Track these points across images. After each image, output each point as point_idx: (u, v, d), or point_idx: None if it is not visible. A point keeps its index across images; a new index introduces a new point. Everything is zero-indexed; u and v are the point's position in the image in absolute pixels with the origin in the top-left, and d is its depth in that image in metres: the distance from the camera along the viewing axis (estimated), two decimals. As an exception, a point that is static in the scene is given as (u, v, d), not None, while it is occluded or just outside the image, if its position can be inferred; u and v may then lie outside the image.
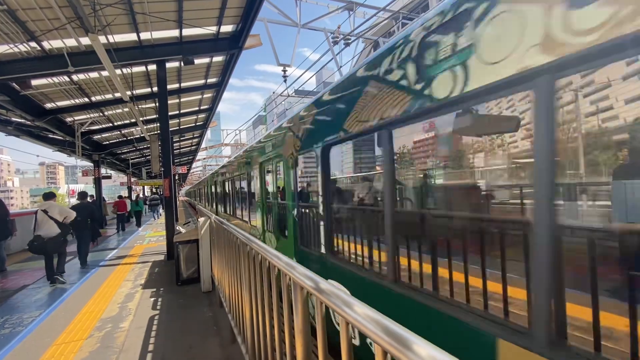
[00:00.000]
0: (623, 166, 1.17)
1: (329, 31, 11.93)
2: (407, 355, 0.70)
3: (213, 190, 13.87)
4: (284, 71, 11.46)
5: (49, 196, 6.60)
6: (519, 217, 1.54)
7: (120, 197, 15.92)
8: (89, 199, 8.41)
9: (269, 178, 5.21)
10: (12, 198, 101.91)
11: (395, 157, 2.29)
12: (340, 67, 12.06)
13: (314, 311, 2.06)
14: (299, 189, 3.83)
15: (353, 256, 2.83)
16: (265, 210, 5.43)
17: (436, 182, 2.10)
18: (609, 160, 1.20)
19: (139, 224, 15.96)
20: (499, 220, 1.67)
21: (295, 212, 3.89)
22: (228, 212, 9.97)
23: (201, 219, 5.40)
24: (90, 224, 7.60)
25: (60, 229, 6.19)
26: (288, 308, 1.59)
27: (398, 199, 2.35)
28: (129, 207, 15.85)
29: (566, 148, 1.28)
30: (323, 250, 3.19)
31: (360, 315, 0.90)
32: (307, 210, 3.71)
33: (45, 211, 6.08)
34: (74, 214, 6.57)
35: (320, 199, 3.18)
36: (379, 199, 2.56)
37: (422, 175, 2.21)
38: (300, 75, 12.33)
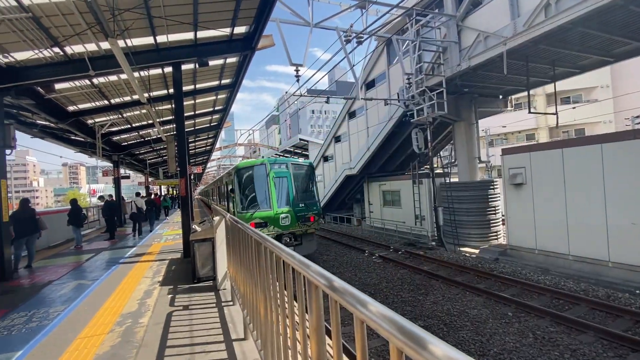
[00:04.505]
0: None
1: (341, 30, 11.90)
2: (423, 354, 0.70)
3: (212, 192, 26.72)
4: (297, 71, 11.50)
5: (137, 195, 14.84)
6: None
7: (155, 194, 24.16)
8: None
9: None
10: (37, 197, 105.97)
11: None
12: (353, 65, 11.98)
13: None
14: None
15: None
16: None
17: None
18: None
19: (167, 215, 22.38)
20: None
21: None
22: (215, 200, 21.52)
23: (216, 218, 5.49)
24: (154, 210, 14.89)
25: (138, 211, 12.78)
26: (302, 306, 1.61)
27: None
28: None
29: None
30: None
31: (375, 314, 0.90)
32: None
33: (134, 202, 13.29)
34: (144, 205, 13.38)
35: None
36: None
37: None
38: (313, 75, 12.33)
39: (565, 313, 7.30)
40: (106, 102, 10.68)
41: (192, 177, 24.29)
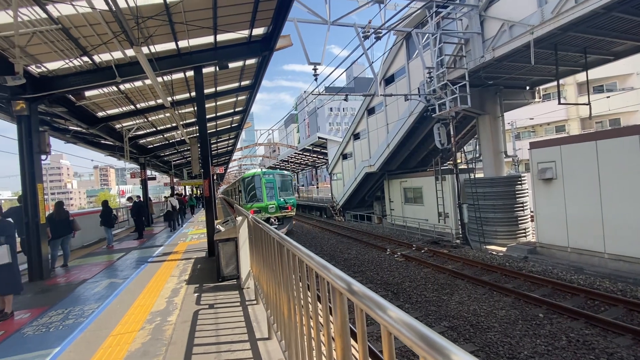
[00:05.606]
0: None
1: (359, 26, 11.77)
2: None
3: (231, 192, 32.20)
4: (315, 70, 11.48)
5: (171, 195, 19.62)
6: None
7: (182, 195, 27.63)
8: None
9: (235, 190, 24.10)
10: (71, 199, 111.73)
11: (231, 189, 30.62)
12: (372, 62, 11.84)
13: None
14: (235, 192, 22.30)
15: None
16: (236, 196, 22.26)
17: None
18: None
19: (192, 213, 24.35)
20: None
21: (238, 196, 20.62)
22: (234, 198, 26.06)
23: (239, 218, 5.58)
24: (184, 208, 18.97)
25: (172, 209, 14.31)
26: (326, 309, 1.60)
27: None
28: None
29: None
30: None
31: (394, 320, 0.88)
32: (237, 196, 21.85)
33: (169, 202, 14.48)
34: (177, 204, 15.13)
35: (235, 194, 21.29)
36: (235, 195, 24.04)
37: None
38: (331, 73, 12.29)
39: (601, 314, 6.93)
40: (132, 107, 11.08)
41: (214, 178, 24.95)
